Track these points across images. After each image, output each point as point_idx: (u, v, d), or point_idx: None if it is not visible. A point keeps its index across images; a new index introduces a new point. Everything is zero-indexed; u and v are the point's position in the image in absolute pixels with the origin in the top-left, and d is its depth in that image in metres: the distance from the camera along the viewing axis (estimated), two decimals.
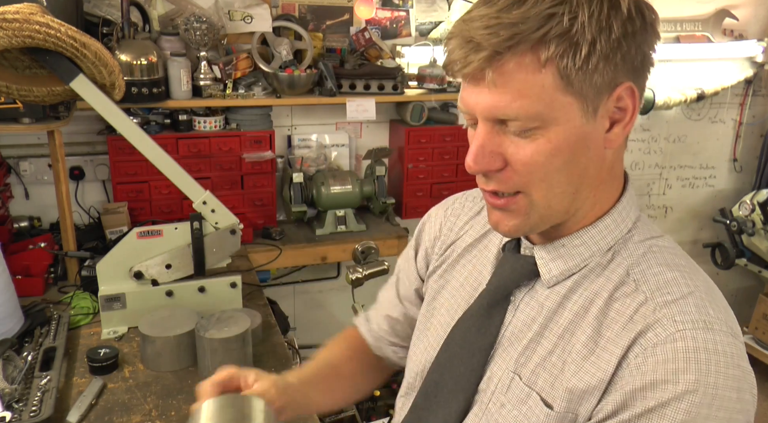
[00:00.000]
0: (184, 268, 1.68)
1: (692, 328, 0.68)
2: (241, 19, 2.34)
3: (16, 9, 1.38)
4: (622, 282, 0.75)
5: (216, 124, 2.32)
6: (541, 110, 0.67)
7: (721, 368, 0.66)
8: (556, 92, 0.67)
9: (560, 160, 0.70)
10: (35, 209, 2.29)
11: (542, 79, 0.66)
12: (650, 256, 0.76)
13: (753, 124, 3.43)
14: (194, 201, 1.64)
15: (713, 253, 3.41)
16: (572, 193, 0.74)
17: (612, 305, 0.74)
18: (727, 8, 3.10)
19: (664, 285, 0.73)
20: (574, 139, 0.70)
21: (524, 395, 0.77)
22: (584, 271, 0.78)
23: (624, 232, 0.78)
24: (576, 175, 0.73)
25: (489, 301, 0.84)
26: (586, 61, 0.66)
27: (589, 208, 0.77)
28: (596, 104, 0.69)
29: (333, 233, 2.46)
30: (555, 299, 0.79)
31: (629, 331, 0.71)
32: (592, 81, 0.67)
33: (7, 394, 1.32)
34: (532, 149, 0.70)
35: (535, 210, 0.74)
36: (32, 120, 1.81)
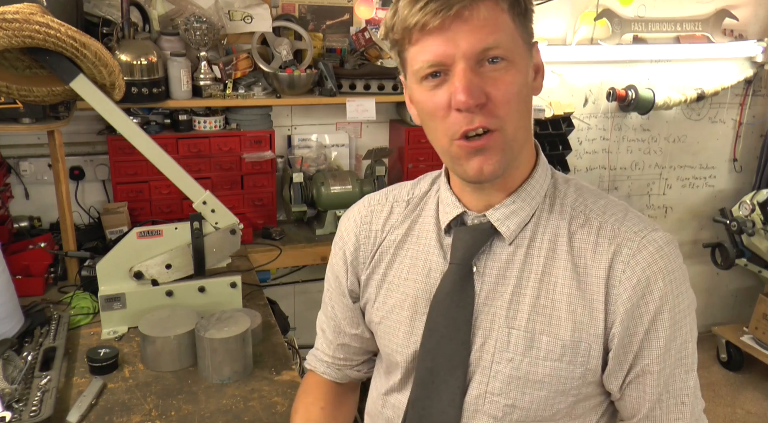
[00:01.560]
0: (184, 268, 1.68)
1: (649, 232, 0.86)
2: (241, 19, 2.34)
3: (16, 9, 1.38)
4: (572, 217, 0.89)
5: (216, 124, 2.32)
6: (511, 43, 0.81)
7: (676, 252, 0.87)
8: (515, 32, 0.82)
9: (525, 92, 0.84)
10: (35, 209, 2.29)
11: (507, 19, 0.81)
12: (582, 192, 0.92)
13: (753, 124, 3.43)
14: (194, 201, 1.64)
15: (713, 253, 3.41)
16: (527, 129, 0.88)
17: (574, 238, 0.88)
18: (727, 8, 3.10)
19: (605, 210, 0.89)
20: (527, 75, 0.84)
21: (528, 341, 0.86)
22: (534, 219, 0.90)
23: (548, 180, 0.93)
24: (528, 111, 0.86)
25: (459, 275, 0.90)
26: (525, 14, 0.83)
27: (525, 155, 0.90)
28: (529, 51, 0.85)
29: (333, 233, 2.45)
30: (520, 252, 0.89)
31: (601, 253, 0.86)
32: (527, 30, 0.84)
33: (7, 394, 1.32)
34: (509, 80, 0.81)
35: (508, 145, 0.84)
36: (32, 120, 1.81)
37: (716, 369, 3.48)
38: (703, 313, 3.73)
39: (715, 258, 3.41)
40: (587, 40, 2.96)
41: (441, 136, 0.84)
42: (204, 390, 1.44)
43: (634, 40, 3.01)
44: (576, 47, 2.92)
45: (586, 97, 3.08)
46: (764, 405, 3.19)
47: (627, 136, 3.23)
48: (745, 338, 3.32)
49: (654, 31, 3.03)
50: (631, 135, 3.24)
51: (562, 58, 2.92)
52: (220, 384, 1.46)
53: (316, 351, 1.17)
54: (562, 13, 2.88)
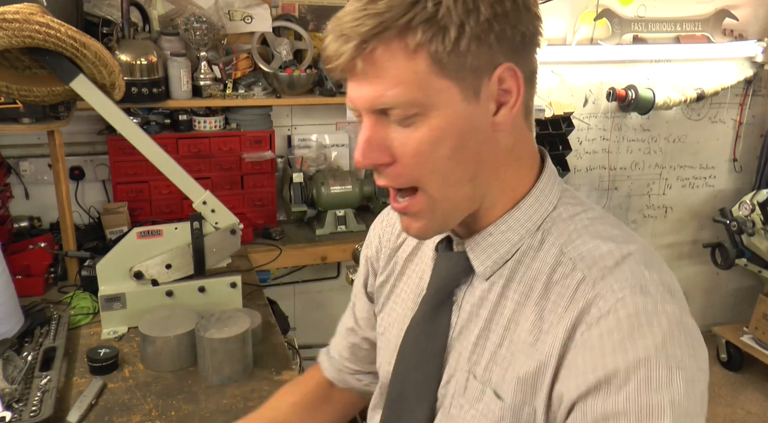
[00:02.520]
0: (184, 268, 1.68)
1: (630, 293, 0.67)
2: (241, 19, 2.34)
3: (16, 9, 1.38)
4: (558, 263, 0.73)
5: (216, 124, 2.32)
6: (417, 96, 0.67)
7: (665, 327, 0.65)
8: (431, 77, 0.66)
9: (447, 147, 0.69)
10: (35, 209, 2.29)
11: (414, 66, 0.66)
12: (582, 231, 0.74)
13: (753, 124, 3.43)
14: (194, 201, 1.64)
15: (713, 253, 3.41)
16: (469, 181, 0.72)
17: (552, 289, 0.72)
18: (727, 8, 3.10)
19: (600, 259, 0.71)
20: (459, 123, 0.68)
21: (479, 393, 0.76)
22: (517, 256, 0.76)
23: (549, 209, 0.76)
24: (468, 161, 0.71)
25: (432, 305, 0.82)
26: (456, 44, 0.65)
27: (499, 193, 0.75)
28: (477, 87, 0.68)
29: (333, 233, 2.46)
30: (495, 291, 0.77)
31: (571, 311, 0.69)
32: (466, 63, 0.66)
33: (7, 394, 1.32)
34: (417, 139, 0.68)
35: (437, 206, 0.72)
36: (32, 120, 1.81)
37: (716, 369, 3.49)
38: (703, 313, 3.73)
39: (715, 258, 3.41)
40: (587, 40, 2.96)
41: None
42: (204, 390, 1.44)
43: (634, 40, 3.01)
44: (576, 47, 2.92)
45: (586, 97, 3.08)
46: (764, 405, 3.19)
47: (627, 136, 3.23)
48: (745, 338, 3.32)
49: (654, 31, 3.03)
50: (631, 135, 3.24)
51: (562, 58, 2.92)
52: (220, 384, 1.46)
53: (329, 346, 1.14)
54: (562, 13, 2.88)
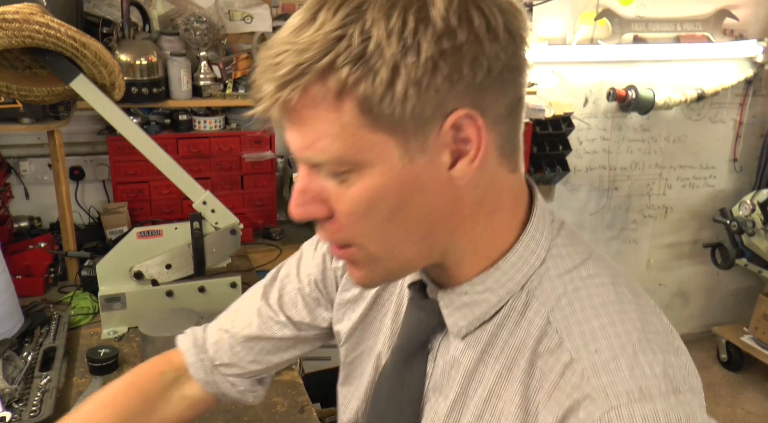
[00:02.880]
0: (184, 268, 1.68)
1: (627, 401, 0.55)
2: (241, 19, 2.34)
3: (16, 9, 1.38)
4: (544, 333, 0.62)
5: (216, 124, 2.32)
6: (345, 152, 0.56)
7: None
8: (361, 129, 0.55)
9: (385, 209, 0.58)
10: (35, 209, 2.29)
11: (340, 116, 0.55)
12: (572, 297, 0.62)
13: (753, 124, 3.43)
14: (194, 201, 1.64)
15: (713, 253, 3.41)
16: (421, 241, 0.62)
17: (536, 363, 0.62)
18: (727, 8, 3.10)
19: (591, 339, 0.59)
20: (398, 182, 0.57)
21: None
22: (498, 320, 0.65)
23: (536, 265, 0.64)
24: (415, 222, 0.60)
25: (404, 355, 0.73)
26: (389, 90, 0.53)
27: (469, 251, 0.64)
28: (422, 139, 0.56)
29: None
30: (471, 355, 0.66)
31: (558, 402, 0.59)
32: (405, 112, 0.54)
33: (7, 394, 1.32)
34: (350, 198, 0.58)
35: (377, 262, 0.63)
36: (32, 120, 1.81)
37: (716, 369, 3.49)
38: (703, 313, 3.73)
39: (715, 258, 3.41)
40: (587, 40, 2.96)
41: None
42: None
43: (634, 40, 3.01)
44: (576, 47, 2.92)
45: (586, 97, 3.08)
46: (764, 405, 3.19)
47: (627, 136, 3.23)
48: (745, 338, 3.32)
49: (654, 31, 3.03)
50: (631, 135, 3.24)
51: (562, 58, 2.92)
52: None
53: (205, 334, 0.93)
54: (562, 13, 2.88)
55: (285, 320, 0.89)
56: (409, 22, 0.52)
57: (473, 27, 0.54)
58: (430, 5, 0.53)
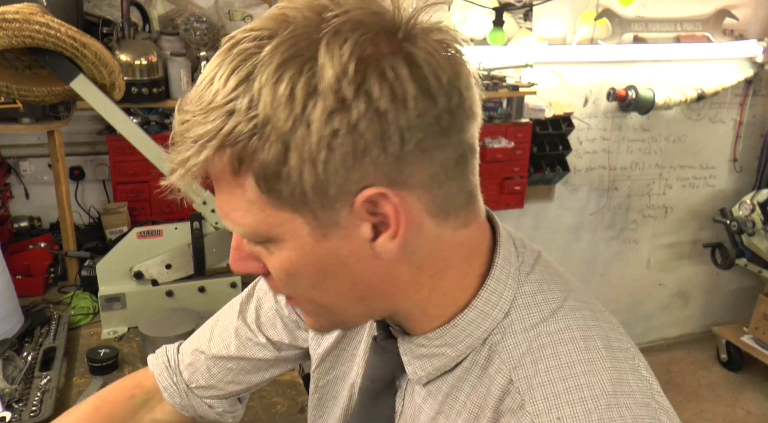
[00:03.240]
0: (184, 268, 1.68)
1: None
2: (241, 19, 2.34)
3: (16, 9, 1.38)
4: (506, 392, 0.58)
5: None
6: (257, 226, 0.54)
7: None
8: (266, 207, 0.52)
9: (307, 279, 0.56)
10: (35, 209, 2.29)
11: (245, 193, 0.52)
12: (536, 356, 0.57)
13: (753, 124, 3.43)
14: (194, 201, 1.64)
15: (713, 253, 3.41)
16: (359, 302, 0.59)
17: (500, 421, 0.58)
18: (727, 8, 3.10)
19: (554, 405, 0.55)
20: (314, 257, 0.54)
21: None
22: (459, 372, 0.61)
23: (499, 319, 0.59)
24: (345, 291, 0.58)
25: (370, 394, 0.70)
26: (283, 166, 0.49)
27: (417, 311, 0.60)
28: (332, 215, 0.52)
29: None
30: (433, 404, 0.63)
31: None
32: (305, 190, 0.50)
33: (7, 394, 1.32)
34: (272, 265, 0.57)
35: (320, 315, 0.62)
36: (32, 120, 1.81)
37: (716, 369, 3.49)
38: (703, 313, 3.73)
39: (715, 258, 3.41)
40: (587, 40, 2.96)
41: None
42: None
43: (634, 40, 3.01)
44: (576, 47, 2.92)
45: (586, 97, 3.08)
46: (764, 405, 3.19)
47: (627, 136, 3.23)
48: (745, 338, 3.32)
49: (654, 31, 3.03)
50: (631, 135, 3.24)
51: (562, 58, 2.92)
52: None
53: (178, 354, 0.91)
54: (562, 13, 2.88)
55: (264, 341, 0.86)
56: (297, 93, 0.48)
57: (372, 100, 0.48)
58: (319, 75, 0.47)
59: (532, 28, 2.79)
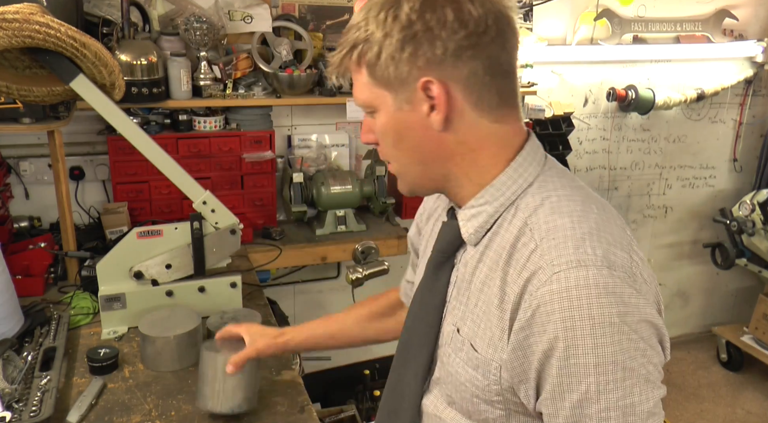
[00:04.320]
0: (184, 268, 1.68)
1: (566, 268, 0.74)
2: (241, 19, 2.34)
3: (16, 9, 1.38)
4: (522, 233, 0.82)
5: (216, 124, 2.32)
6: (366, 100, 0.86)
7: (594, 300, 0.72)
8: (371, 86, 0.84)
9: (390, 140, 0.87)
10: (35, 209, 2.29)
11: (362, 77, 0.85)
12: (546, 205, 0.82)
13: (753, 124, 3.44)
14: (194, 201, 1.64)
15: (713, 253, 3.41)
16: (419, 164, 0.88)
17: (514, 256, 0.81)
18: (727, 8, 3.10)
19: (552, 230, 0.79)
20: (393, 123, 0.85)
21: (460, 344, 0.87)
22: (495, 228, 0.86)
23: (524, 186, 0.85)
24: (410, 151, 0.87)
25: (434, 264, 0.95)
26: (378, 60, 0.82)
27: (463, 178, 0.87)
28: (406, 94, 0.82)
29: (333, 233, 2.46)
30: (477, 257, 0.88)
31: (522, 278, 0.78)
32: (390, 76, 0.82)
33: (7, 394, 1.32)
34: (378, 130, 0.88)
35: (406, 176, 0.91)
36: (32, 120, 1.81)
37: (716, 369, 3.49)
38: (703, 313, 3.74)
39: (715, 258, 3.41)
40: (587, 40, 2.96)
41: None
42: None
43: (634, 40, 3.02)
44: (576, 47, 2.92)
45: (586, 97, 3.08)
46: (764, 405, 3.19)
47: (627, 136, 3.24)
48: (745, 338, 3.32)
49: (654, 31, 3.04)
50: (631, 135, 3.24)
51: (562, 58, 2.93)
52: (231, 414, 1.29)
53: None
54: (562, 13, 2.88)
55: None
56: (388, 18, 0.80)
57: (426, 21, 0.79)
58: (399, 7, 0.80)
59: (532, 28, 2.79)
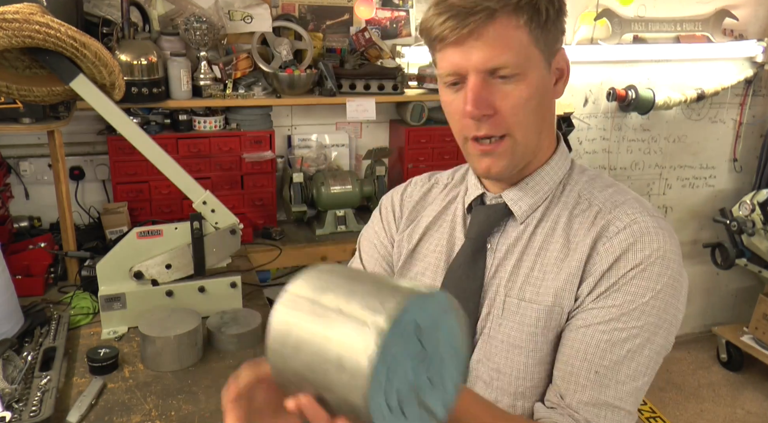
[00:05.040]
0: (184, 268, 1.68)
1: (641, 216, 0.90)
2: (241, 19, 2.34)
3: (16, 9, 1.38)
4: (577, 203, 0.95)
5: (216, 124, 2.32)
6: (521, 60, 0.86)
7: (668, 238, 0.88)
8: (530, 47, 0.87)
9: (534, 103, 0.89)
10: (35, 209, 2.29)
11: (520, 36, 0.86)
12: (593, 182, 0.97)
13: (753, 124, 3.43)
14: (194, 201, 1.64)
15: (713, 253, 3.41)
16: (539, 133, 0.93)
17: (574, 220, 0.93)
18: (727, 8, 3.10)
19: (609, 197, 0.94)
20: (542, 85, 0.90)
21: (515, 307, 0.93)
22: (546, 203, 0.96)
23: (567, 168, 0.99)
24: (541, 117, 0.92)
25: (473, 248, 0.98)
26: (545, 24, 0.87)
27: (546, 148, 0.97)
28: (550, 60, 0.91)
29: (333, 233, 2.46)
30: (528, 231, 0.95)
31: (593, 231, 0.90)
32: (548, 40, 0.88)
33: (7, 394, 1.32)
34: (517, 94, 0.87)
35: (518, 149, 0.91)
36: (32, 120, 1.81)
37: (716, 369, 3.49)
38: (703, 313, 3.73)
39: (715, 258, 3.41)
40: (587, 40, 2.96)
41: (458, 134, 0.94)
42: (204, 390, 1.44)
43: (634, 40, 3.01)
44: (576, 47, 2.92)
45: (586, 97, 3.08)
46: (764, 405, 3.19)
47: (627, 136, 3.23)
48: (745, 338, 3.32)
49: (654, 31, 3.03)
50: (631, 135, 3.24)
51: None
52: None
53: None
54: None
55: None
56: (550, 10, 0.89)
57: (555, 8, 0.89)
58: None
59: None
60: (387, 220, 1.13)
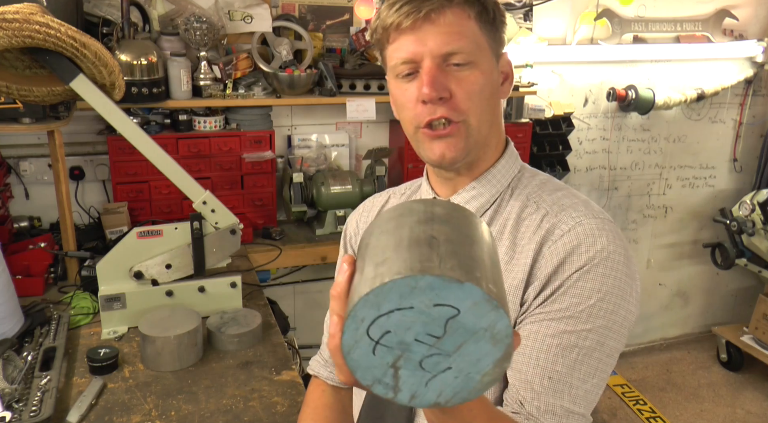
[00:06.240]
0: (184, 268, 1.68)
1: (586, 218, 0.89)
2: (241, 19, 2.34)
3: (16, 9, 1.38)
4: (525, 205, 0.95)
5: (216, 124, 2.32)
6: (474, 48, 0.89)
7: (612, 239, 0.88)
8: (481, 38, 0.90)
9: (488, 91, 0.91)
10: (35, 209, 2.29)
11: (472, 26, 0.89)
12: (543, 186, 0.98)
13: (753, 124, 3.43)
14: (194, 201, 1.64)
15: (713, 253, 3.41)
16: (490, 125, 0.94)
17: (521, 223, 0.93)
18: (727, 8, 3.10)
19: (557, 200, 0.94)
20: (492, 78, 0.92)
21: None
22: (494, 206, 0.97)
23: (516, 171, 1.00)
24: (492, 110, 0.94)
25: None
26: (493, 22, 0.91)
27: (494, 146, 0.98)
28: (497, 58, 0.94)
29: (333, 233, 2.46)
30: None
31: (538, 234, 0.90)
32: (495, 38, 0.92)
33: (7, 394, 1.32)
34: (472, 80, 0.89)
35: (471, 134, 0.92)
36: (32, 120, 1.81)
37: (716, 369, 3.49)
38: (703, 313, 3.73)
39: (715, 258, 3.41)
40: (587, 40, 2.96)
41: (409, 125, 0.95)
42: (204, 390, 1.44)
43: (634, 40, 3.01)
44: (576, 47, 2.92)
45: (586, 97, 3.08)
46: (764, 405, 3.19)
47: (627, 136, 3.23)
48: (745, 338, 3.32)
49: (654, 31, 3.03)
50: (631, 135, 3.24)
51: (562, 58, 2.92)
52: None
53: (318, 354, 1.20)
54: (562, 13, 2.88)
55: None
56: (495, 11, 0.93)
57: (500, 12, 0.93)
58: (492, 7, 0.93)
59: (532, 28, 2.79)
60: (351, 243, 1.16)
